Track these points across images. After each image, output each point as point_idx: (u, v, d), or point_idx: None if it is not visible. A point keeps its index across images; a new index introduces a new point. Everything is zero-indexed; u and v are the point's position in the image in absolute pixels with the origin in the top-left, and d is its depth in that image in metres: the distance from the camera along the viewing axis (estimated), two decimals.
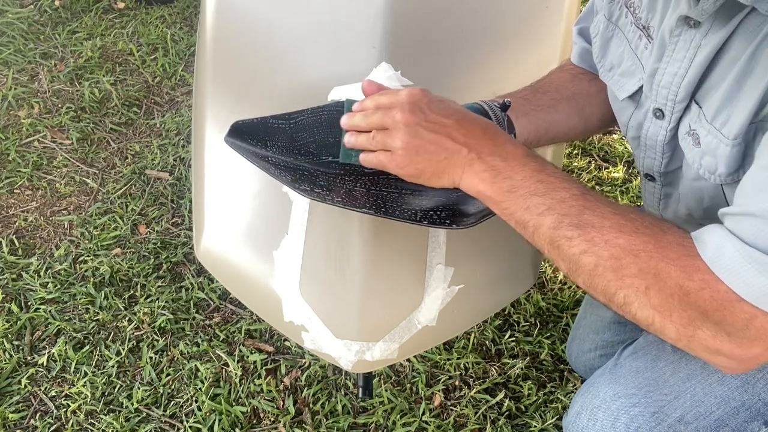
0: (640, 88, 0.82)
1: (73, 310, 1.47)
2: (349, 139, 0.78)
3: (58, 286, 1.51)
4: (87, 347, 1.40)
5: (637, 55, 0.83)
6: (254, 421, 1.29)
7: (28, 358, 1.39)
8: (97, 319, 1.45)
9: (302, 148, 0.83)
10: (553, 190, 0.69)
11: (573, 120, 0.96)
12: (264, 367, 1.37)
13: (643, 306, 0.65)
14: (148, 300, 1.49)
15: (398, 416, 1.29)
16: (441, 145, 0.72)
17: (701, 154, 0.73)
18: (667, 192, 0.87)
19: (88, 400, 1.32)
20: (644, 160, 0.86)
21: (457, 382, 1.35)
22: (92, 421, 1.30)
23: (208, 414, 1.30)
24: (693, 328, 0.64)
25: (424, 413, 1.30)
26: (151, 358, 1.39)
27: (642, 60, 0.82)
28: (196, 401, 1.32)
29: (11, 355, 1.39)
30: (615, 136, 1.93)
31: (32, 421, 1.30)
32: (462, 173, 0.73)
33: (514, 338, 1.42)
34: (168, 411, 1.31)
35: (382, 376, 1.36)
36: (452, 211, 0.81)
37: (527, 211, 0.70)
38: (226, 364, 1.37)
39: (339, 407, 1.31)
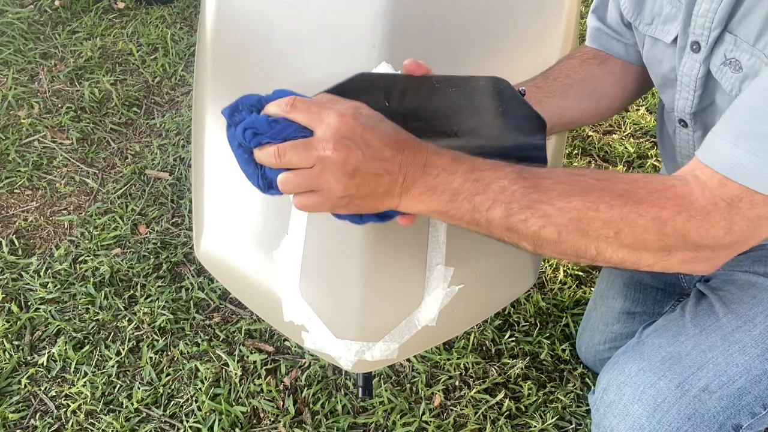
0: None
1: (73, 310, 1.47)
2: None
3: (58, 286, 1.51)
4: (87, 347, 1.40)
5: None
6: (254, 421, 1.29)
7: (28, 358, 1.39)
8: (97, 319, 1.45)
9: None
10: (490, 183, 0.68)
11: (585, 104, 0.98)
12: (264, 367, 1.37)
13: (616, 249, 0.68)
14: (148, 300, 1.49)
15: (398, 416, 1.29)
16: (379, 184, 0.68)
17: (742, 78, 0.76)
18: (701, 134, 0.90)
19: (88, 400, 1.32)
20: (678, 101, 0.88)
21: (457, 382, 1.35)
22: (92, 421, 1.30)
23: (208, 414, 1.30)
24: (668, 253, 0.67)
25: (424, 413, 1.30)
26: (151, 358, 1.39)
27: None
28: (196, 401, 1.32)
29: (11, 355, 1.39)
30: (615, 136, 1.93)
31: (32, 421, 1.30)
32: (399, 199, 0.70)
33: (514, 338, 1.42)
34: (168, 411, 1.31)
35: (382, 376, 1.35)
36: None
37: (475, 211, 0.69)
38: (226, 364, 1.37)
39: (339, 407, 1.31)
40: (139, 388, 1.34)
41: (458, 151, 0.71)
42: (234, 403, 1.31)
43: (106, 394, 1.34)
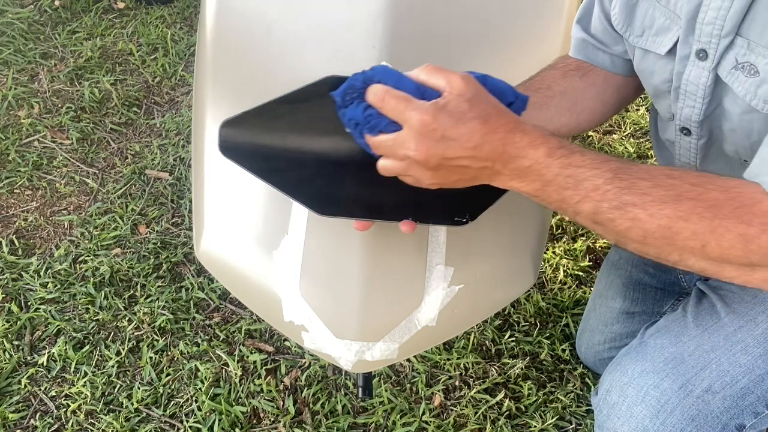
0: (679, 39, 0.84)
1: (73, 310, 1.47)
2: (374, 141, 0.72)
3: (58, 286, 1.51)
4: (87, 347, 1.40)
5: (669, 8, 0.84)
6: (254, 421, 1.30)
7: (28, 358, 1.39)
8: (97, 319, 1.45)
9: (302, 130, 0.78)
10: (583, 180, 0.69)
11: (565, 117, 0.97)
12: (264, 367, 1.37)
13: (699, 259, 0.69)
14: (148, 300, 1.49)
15: (398, 416, 1.29)
16: (466, 172, 0.71)
17: (759, 83, 0.75)
18: (705, 141, 0.89)
19: (88, 400, 1.32)
20: (683, 110, 0.87)
21: (457, 382, 1.35)
22: (92, 421, 1.30)
23: (208, 414, 1.30)
24: (751, 269, 0.68)
25: (424, 413, 1.30)
26: (151, 358, 1.39)
27: (677, 10, 0.83)
28: (196, 401, 1.32)
29: (11, 355, 1.39)
30: (615, 136, 1.93)
31: (32, 421, 1.30)
32: (490, 181, 0.73)
33: (514, 338, 1.42)
34: (168, 411, 1.31)
35: (382, 376, 1.36)
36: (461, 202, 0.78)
37: (563, 202, 0.71)
38: (226, 364, 1.37)
39: (339, 407, 1.31)
40: (139, 388, 1.34)
41: (556, 139, 0.71)
42: (234, 403, 1.31)
43: (106, 394, 1.34)
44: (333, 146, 0.79)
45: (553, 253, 1.60)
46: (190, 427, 1.28)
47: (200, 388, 1.33)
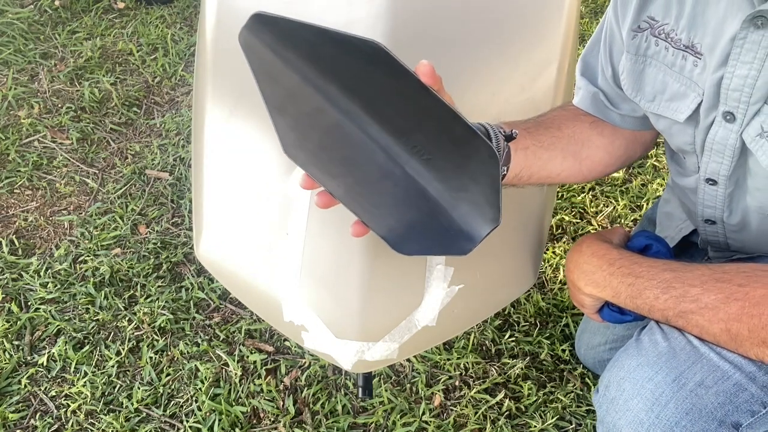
0: (700, 104, 0.84)
1: (73, 310, 1.47)
2: None
3: (58, 286, 1.51)
4: (87, 347, 1.40)
5: (684, 75, 0.85)
6: (254, 421, 1.30)
7: (28, 358, 1.39)
8: (97, 319, 1.45)
9: (324, 66, 0.71)
10: (644, 290, 0.82)
11: (568, 161, 0.97)
12: (264, 367, 1.37)
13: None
14: (148, 300, 1.49)
15: (398, 416, 1.29)
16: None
17: None
18: (732, 191, 0.90)
19: (88, 400, 1.32)
20: (708, 165, 0.88)
21: (457, 382, 1.35)
22: (92, 421, 1.30)
23: (208, 414, 1.30)
24: None
25: (424, 413, 1.30)
26: (151, 358, 1.39)
27: (694, 78, 0.83)
28: (196, 401, 1.32)
29: (11, 355, 1.39)
30: None
31: (32, 421, 1.30)
32: (577, 290, 0.93)
33: (514, 338, 1.42)
34: (168, 411, 1.31)
35: (382, 376, 1.36)
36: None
37: (638, 309, 0.84)
38: (226, 364, 1.37)
39: (339, 407, 1.31)
40: (139, 388, 1.34)
41: (615, 252, 0.88)
42: (234, 403, 1.31)
43: (106, 394, 1.34)
44: (349, 120, 0.72)
45: (553, 253, 1.60)
46: (190, 427, 1.28)
47: (200, 388, 1.33)
